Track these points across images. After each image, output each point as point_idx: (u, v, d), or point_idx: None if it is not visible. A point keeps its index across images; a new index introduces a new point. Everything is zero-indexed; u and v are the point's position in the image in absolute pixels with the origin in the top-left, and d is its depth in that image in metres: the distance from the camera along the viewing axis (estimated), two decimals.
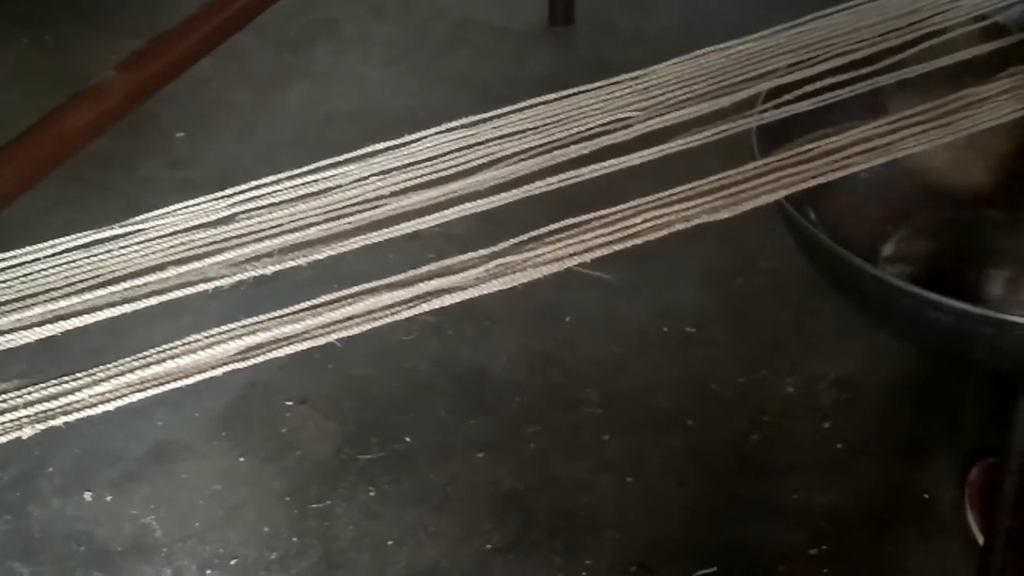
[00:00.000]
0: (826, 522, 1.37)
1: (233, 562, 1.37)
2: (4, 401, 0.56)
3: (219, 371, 0.57)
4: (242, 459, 1.50)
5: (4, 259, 0.64)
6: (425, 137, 0.67)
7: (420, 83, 2.16)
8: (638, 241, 0.60)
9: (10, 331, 0.60)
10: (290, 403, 1.56)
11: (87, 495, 1.46)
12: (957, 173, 1.39)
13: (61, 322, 0.59)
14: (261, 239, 0.61)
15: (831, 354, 1.57)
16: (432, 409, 1.55)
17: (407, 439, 1.50)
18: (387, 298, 0.55)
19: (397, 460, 1.48)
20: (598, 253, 0.60)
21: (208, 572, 1.37)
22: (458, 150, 0.66)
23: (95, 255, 0.61)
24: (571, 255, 0.59)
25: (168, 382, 0.55)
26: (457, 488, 1.44)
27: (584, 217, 0.61)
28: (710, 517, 1.40)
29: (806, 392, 1.52)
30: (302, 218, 0.62)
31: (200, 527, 1.41)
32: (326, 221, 0.61)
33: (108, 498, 1.45)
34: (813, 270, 1.32)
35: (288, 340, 0.55)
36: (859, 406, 1.51)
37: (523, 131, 0.66)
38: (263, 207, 0.63)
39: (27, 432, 0.54)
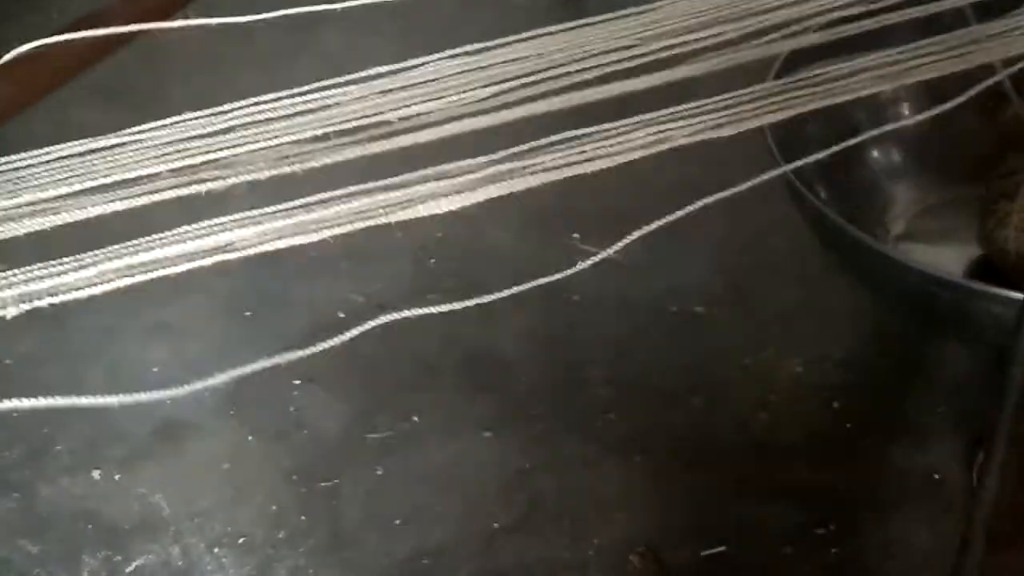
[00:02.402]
0: (834, 502, 1.37)
1: (241, 540, 1.38)
2: None
3: (207, 261, 0.56)
4: (250, 438, 1.50)
5: None
6: (428, 62, 0.67)
7: None
8: (638, 155, 0.59)
9: None
10: (298, 382, 1.56)
11: (95, 473, 1.46)
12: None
13: (51, 216, 0.58)
14: (256, 147, 0.61)
15: (839, 333, 1.56)
16: (439, 388, 1.55)
17: (414, 418, 1.50)
18: (381, 199, 0.55)
19: (404, 439, 1.48)
20: (598, 165, 0.59)
21: (216, 550, 1.37)
22: (460, 73, 0.65)
23: (88, 160, 0.61)
24: (573, 166, 0.58)
25: (155, 269, 0.54)
26: (464, 468, 1.44)
27: (585, 130, 0.60)
28: (717, 497, 1.39)
29: (814, 371, 1.52)
30: (299, 130, 0.62)
31: (208, 505, 1.42)
32: (324, 132, 0.61)
33: (116, 476, 1.46)
34: (820, 247, 1.31)
35: (278, 234, 0.54)
36: (867, 386, 1.50)
37: (527, 57, 0.65)
38: (261, 120, 0.63)
39: (12, 312, 0.53)
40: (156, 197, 0.58)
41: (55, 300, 0.54)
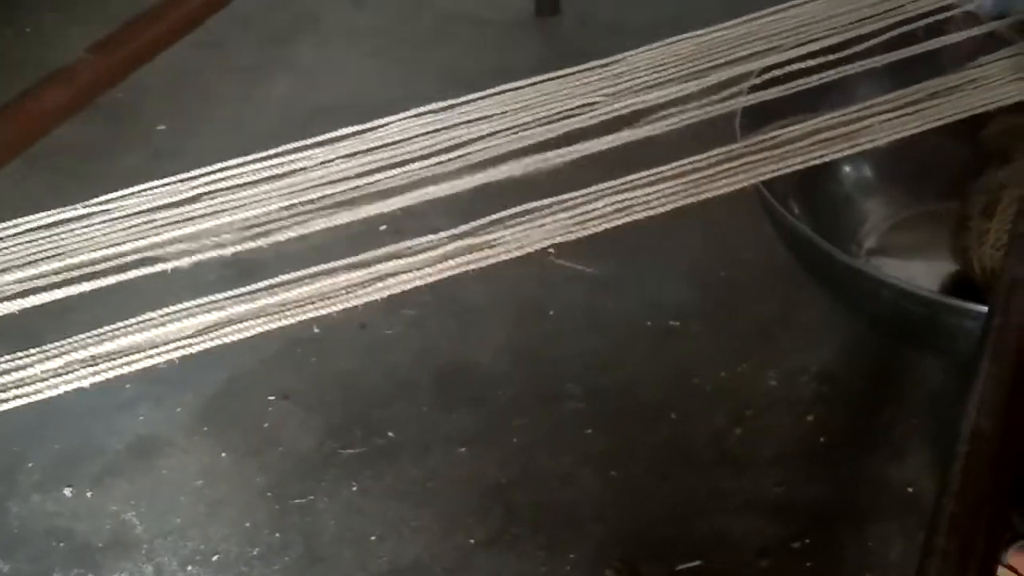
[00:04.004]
0: (809, 515, 1.37)
1: (215, 558, 1.37)
2: None
3: (173, 353, 0.56)
4: (224, 454, 1.49)
5: None
6: (392, 122, 0.67)
7: (405, 75, 2.16)
8: (598, 228, 0.59)
9: None
10: (272, 398, 1.55)
11: (67, 491, 1.45)
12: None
13: (19, 300, 0.58)
14: (223, 219, 0.61)
15: (813, 347, 1.57)
16: (415, 403, 1.54)
17: (390, 434, 1.50)
18: (344, 279, 0.55)
19: (380, 455, 1.47)
20: (559, 239, 0.59)
21: (189, 568, 1.36)
22: (425, 134, 0.66)
23: (57, 234, 0.61)
24: (533, 240, 0.58)
25: (120, 359, 0.54)
26: (440, 482, 1.44)
27: (545, 201, 0.60)
28: (693, 511, 1.39)
29: (789, 385, 1.52)
30: (265, 199, 0.62)
31: (181, 523, 1.41)
32: (289, 202, 0.61)
33: (88, 494, 1.45)
34: (794, 262, 1.32)
35: (243, 319, 0.54)
36: (841, 399, 1.50)
37: (491, 115, 0.65)
38: (227, 188, 0.63)
39: None
40: (123, 276, 0.58)
41: (20, 399, 0.54)
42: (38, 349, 0.56)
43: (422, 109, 0.68)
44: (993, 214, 1.23)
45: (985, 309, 1.03)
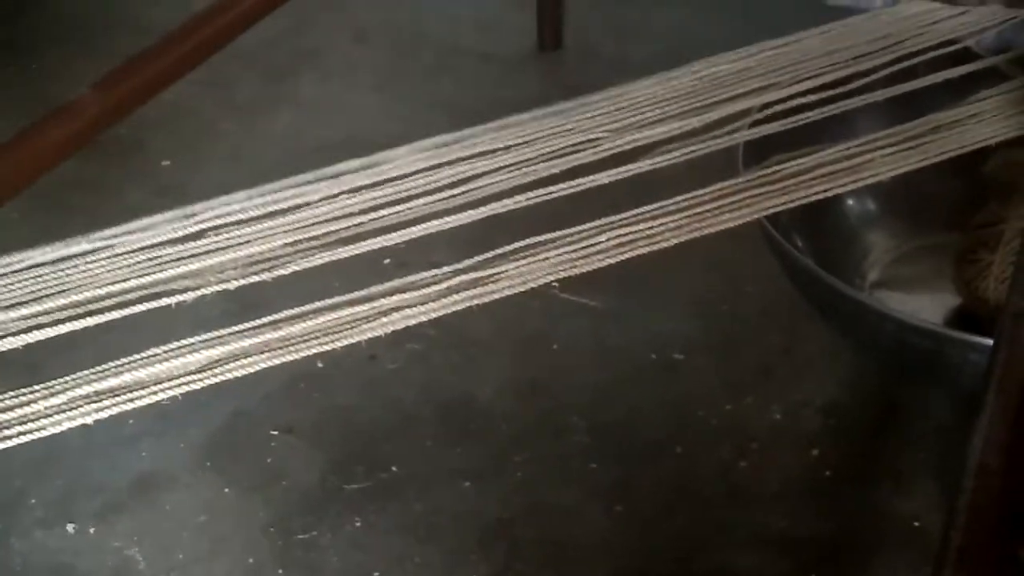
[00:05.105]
0: (815, 550, 1.36)
1: None
2: None
3: (177, 388, 0.56)
4: (227, 490, 1.48)
5: None
6: (396, 157, 0.67)
7: (407, 110, 2.17)
8: (602, 262, 0.59)
9: None
10: (275, 433, 1.55)
11: (70, 527, 1.44)
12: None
13: (23, 335, 0.58)
14: (227, 255, 0.61)
15: (818, 380, 1.56)
16: (418, 438, 1.54)
17: (393, 468, 1.49)
18: (347, 313, 0.55)
19: (383, 490, 1.47)
20: (563, 273, 0.59)
21: None
22: (428, 169, 0.66)
23: (62, 270, 0.61)
24: (536, 275, 0.59)
25: (124, 394, 0.54)
26: (443, 518, 1.43)
27: (548, 236, 0.61)
28: (699, 545, 1.38)
29: (793, 418, 1.52)
30: (270, 235, 0.62)
31: (184, 559, 1.40)
32: (294, 238, 0.61)
33: (91, 530, 1.44)
34: (798, 295, 1.32)
35: (247, 355, 0.54)
36: (846, 432, 1.50)
37: (494, 150, 0.66)
38: (232, 223, 0.63)
39: None
40: (127, 312, 0.58)
41: (25, 435, 0.54)
42: (42, 385, 0.56)
43: (425, 143, 0.68)
44: (996, 247, 1.23)
45: (990, 342, 1.03)
